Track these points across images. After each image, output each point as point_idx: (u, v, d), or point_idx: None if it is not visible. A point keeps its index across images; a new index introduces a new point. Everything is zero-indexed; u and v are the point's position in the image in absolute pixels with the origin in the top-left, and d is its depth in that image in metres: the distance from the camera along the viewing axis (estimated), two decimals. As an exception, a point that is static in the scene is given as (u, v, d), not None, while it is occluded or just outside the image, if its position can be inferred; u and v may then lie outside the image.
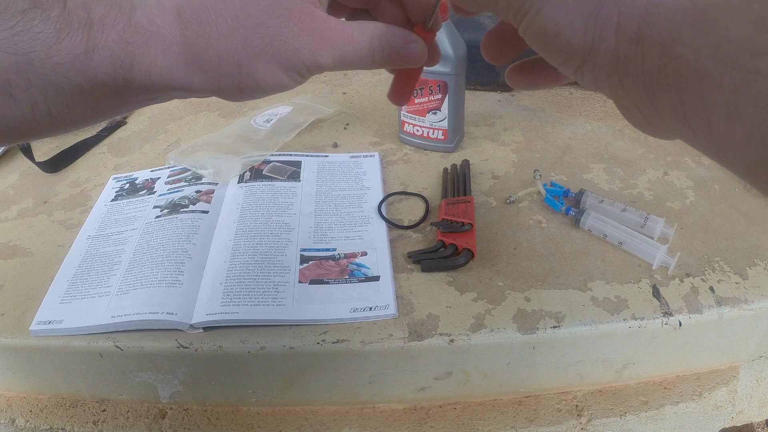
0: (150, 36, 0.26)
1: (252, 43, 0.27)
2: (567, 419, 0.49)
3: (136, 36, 0.26)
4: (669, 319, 0.47)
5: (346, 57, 0.29)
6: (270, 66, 0.28)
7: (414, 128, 0.69)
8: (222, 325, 0.47)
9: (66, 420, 0.51)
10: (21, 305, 0.50)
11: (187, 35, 0.27)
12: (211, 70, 0.27)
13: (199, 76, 0.28)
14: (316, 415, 0.50)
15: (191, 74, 0.27)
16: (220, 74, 0.28)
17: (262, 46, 0.27)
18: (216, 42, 0.27)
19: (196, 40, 0.27)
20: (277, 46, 0.27)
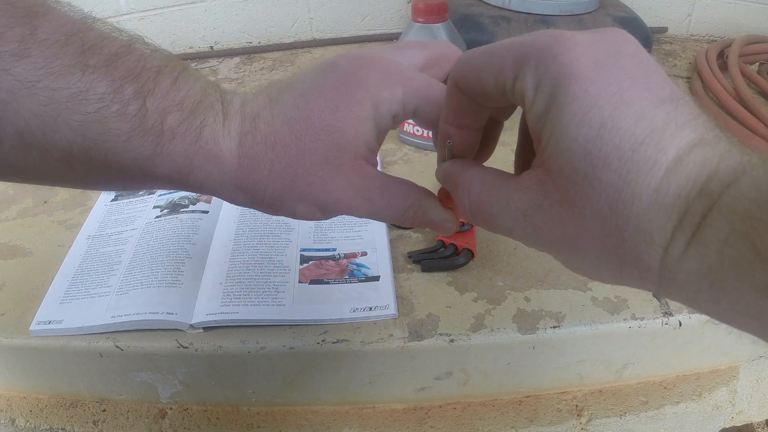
0: (211, 156, 0.28)
1: (298, 186, 0.29)
2: (567, 419, 0.49)
3: (199, 153, 0.27)
4: (669, 319, 0.47)
5: (379, 214, 0.31)
6: (309, 207, 0.30)
7: (414, 128, 0.69)
8: (222, 325, 0.47)
9: (66, 420, 0.51)
10: (21, 305, 0.50)
11: (243, 164, 0.28)
12: (255, 195, 0.29)
13: (243, 197, 0.29)
14: (316, 415, 0.50)
15: (237, 194, 0.29)
16: (263, 201, 0.30)
17: (307, 192, 0.29)
18: (266, 178, 0.29)
19: (250, 172, 0.28)
20: (320, 195, 0.29)
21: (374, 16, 1.05)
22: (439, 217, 0.32)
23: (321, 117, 0.28)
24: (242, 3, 1.00)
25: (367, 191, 0.30)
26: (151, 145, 0.26)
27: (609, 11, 0.83)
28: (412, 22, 0.62)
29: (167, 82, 0.27)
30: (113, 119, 0.25)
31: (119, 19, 0.98)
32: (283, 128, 0.28)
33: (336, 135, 0.28)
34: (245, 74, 0.95)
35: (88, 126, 0.25)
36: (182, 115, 0.27)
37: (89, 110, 0.25)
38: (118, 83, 0.25)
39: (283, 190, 0.29)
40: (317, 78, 0.30)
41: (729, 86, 0.78)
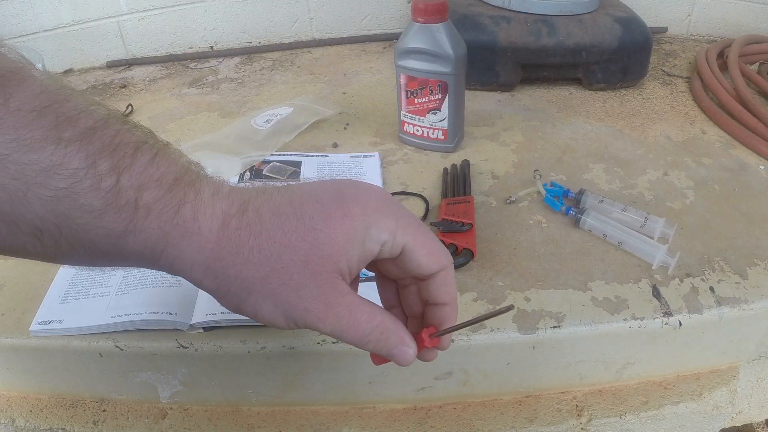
0: (187, 233, 0.27)
1: (270, 283, 0.28)
2: (567, 419, 0.49)
3: (176, 230, 0.27)
4: (669, 319, 0.47)
5: (344, 333, 0.30)
6: (275, 309, 0.29)
7: (414, 128, 0.69)
8: (222, 325, 0.47)
9: (66, 420, 0.51)
10: (21, 305, 0.50)
11: (221, 246, 0.27)
12: (223, 282, 0.28)
13: (210, 282, 0.28)
14: (316, 415, 0.50)
15: (205, 277, 0.28)
16: (229, 291, 0.28)
17: (278, 291, 0.28)
18: (241, 265, 0.28)
19: (226, 255, 0.27)
20: (290, 299, 0.28)
21: (374, 16, 1.05)
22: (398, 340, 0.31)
23: (312, 219, 0.28)
24: (242, 3, 1.00)
25: (337, 307, 0.29)
26: (123, 222, 0.25)
27: (609, 11, 0.83)
28: (412, 22, 0.62)
29: (145, 158, 0.26)
30: (85, 195, 0.24)
31: (119, 19, 0.98)
32: (272, 220, 0.28)
33: (323, 241, 0.28)
34: (245, 74, 0.95)
35: (60, 201, 0.24)
36: (159, 192, 0.26)
37: (61, 185, 0.23)
38: (92, 158, 0.24)
39: (254, 283, 0.28)
40: (317, 185, 0.30)
41: (729, 86, 0.78)
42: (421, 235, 0.30)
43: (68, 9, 0.95)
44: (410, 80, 0.65)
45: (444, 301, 0.32)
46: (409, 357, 0.32)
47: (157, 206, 0.26)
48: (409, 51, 0.63)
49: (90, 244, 0.26)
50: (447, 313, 0.33)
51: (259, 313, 0.29)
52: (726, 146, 0.70)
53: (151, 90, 0.92)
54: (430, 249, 0.31)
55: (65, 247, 0.26)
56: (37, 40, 0.95)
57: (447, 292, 0.32)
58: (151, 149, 0.26)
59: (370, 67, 0.95)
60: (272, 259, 0.28)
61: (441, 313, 0.33)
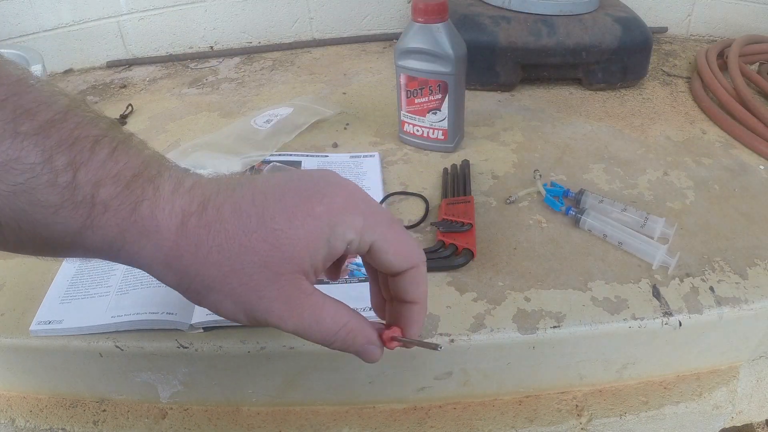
0: (146, 231, 0.26)
1: (230, 283, 0.27)
2: (567, 419, 0.49)
3: (133, 227, 0.26)
4: (669, 319, 0.47)
5: (308, 333, 0.30)
6: (235, 307, 0.28)
7: (414, 128, 0.69)
8: (222, 325, 0.47)
9: (66, 420, 0.51)
10: (21, 305, 0.50)
11: (180, 245, 0.27)
12: (184, 278, 0.28)
13: (172, 277, 0.28)
14: (316, 415, 0.50)
15: (166, 273, 0.28)
16: (189, 287, 0.28)
17: (238, 292, 0.28)
18: (200, 264, 0.27)
19: (185, 253, 0.27)
20: (250, 299, 0.28)
21: (374, 16, 1.05)
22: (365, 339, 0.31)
23: (274, 219, 0.27)
24: (242, 3, 1.00)
25: (299, 307, 0.29)
26: (81, 218, 0.25)
27: (609, 11, 0.83)
28: (412, 22, 0.62)
29: (104, 152, 0.25)
30: (42, 190, 0.24)
31: (119, 19, 0.98)
32: (232, 219, 0.27)
33: (284, 242, 0.27)
34: (245, 74, 0.95)
35: (17, 196, 0.23)
36: (117, 189, 0.25)
37: (18, 180, 0.23)
38: (49, 153, 0.24)
39: (213, 282, 0.27)
40: (282, 181, 0.29)
41: (729, 86, 0.78)
42: (391, 233, 0.30)
43: (68, 9, 0.95)
44: (410, 80, 0.65)
45: (412, 300, 0.32)
46: (376, 357, 0.32)
47: (114, 203, 0.25)
48: (409, 51, 0.63)
49: (49, 239, 0.25)
50: (415, 312, 0.32)
51: (220, 310, 0.29)
52: (726, 146, 0.70)
53: (151, 90, 0.92)
54: (398, 247, 0.30)
55: (27, 240, 0.25)
56: (37, 40, 0.95)
57: (415, 291, 0.32)
58: (110, 143, 0.26)
59: (370, 67, 0.95)
60: (232, 259, 0.27)
61: (409, 312, 0.32)
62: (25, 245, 0.26)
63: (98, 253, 0.27)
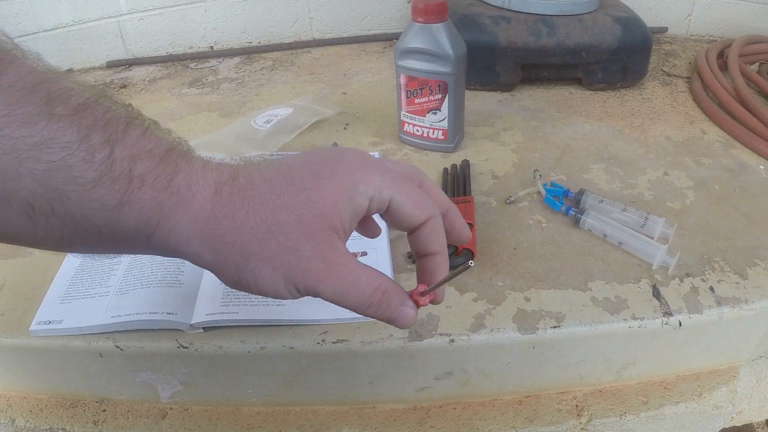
0: (182, 202, 0.27)
1: (269, 245, 0.28)
2: (567, 419, 0.49)
3: (170, 199, 0.27)
4: (669, 319, 0.47)
5: (345, 296, 0.30)
6: (274, 273, 0.28)
7: (414, 128, 0.69)
8: (222, 325, 0.47)
9: (66, 420, 0.51)
10: (21, 305, 0.50)
11: (216, 213, 0.27)
12: (220, 252, 0.28)
13: (208, 254, 0.28)
14: (316, 415, 0.50)
15: (203, 249, 0.28)
16: (227, 260, 0.28)
17: (277, 252, 0.28)
18: (238, 230, 0.28)
19: (221, 220, 0.27)
20: (290, 259, 0.28)
21: (374, 16, 1.05)
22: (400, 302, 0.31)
23: (302, 179, 0.29)
24: (242, 3, 1.00)
25: (335, 267, 0.29)
26: (118, 194, 0.25)
27: (609, 11, 0.83)
28: (412, 22, 0.62)
29: (137, 132, 0.26)
30: (78, 167, 0.24)
31: (119, 19, 0.98)
32: (262, 185, 0.28)
33: (314, 199, 0.28)
34: (245, 74, 0.95)
35: (52, 175, 0.24)
36: (153, 162, 0.26)
37: (53, 158, 0.23)
38: (85, 131, 0.24)
39: (251, 247, 0.28)
40: (300, 155, 0.30)
41: (729, 86, 0.78)
42: (406, 188, 0.31)
43: (68, 9, 0.95)
44: (410, 80, 0.65)
45: (434, 251, 0.33)
46: (410, 318, 0.32)
47: (151, 176, 0.26)
48: (409, 51, 0.63)
49: (82, 220, 0.25)
50: (438, 263, 0.33)
51: (259, 280, 0.28)
52: (726, 146, 0.70)
53: (151, 90, 0.92)
54: (416, 200, 0.31)
55: (56, 226, 0.25)
56: (37, 40, 0.95)
57: (436, 241, 0.32)
58: (141, 124, 0.27)
59: (370, 67, 0.95)
60: (267, 220, 0.28)
61: (432, 264, 0.33)
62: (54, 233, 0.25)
63: (132, 235, 0.27)
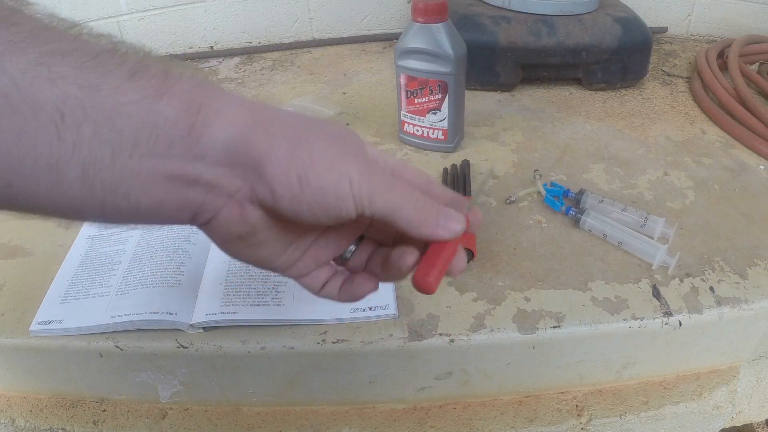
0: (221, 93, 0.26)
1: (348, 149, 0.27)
2: (567, 419, 0.49)
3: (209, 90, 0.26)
4: (669, 319, 0.47)
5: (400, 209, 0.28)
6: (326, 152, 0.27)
7: (414, 128, 0.69)
8: (222, 325, 0.47)
9: (66, 420, 0.51)
10: (21, 305, 0.50)
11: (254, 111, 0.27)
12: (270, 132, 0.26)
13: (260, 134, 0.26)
14: (316, 415, 0.50)
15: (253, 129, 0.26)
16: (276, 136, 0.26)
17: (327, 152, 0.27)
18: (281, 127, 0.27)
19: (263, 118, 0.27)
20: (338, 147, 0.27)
21: (374, 16, 1.05)
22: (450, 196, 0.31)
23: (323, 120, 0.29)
24: (242, 3, 1.00)
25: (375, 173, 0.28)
26: (155, 86, 0.24)
27: (609, 11, 0.83)
28: (412, 22, 0.62)
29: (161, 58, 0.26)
30: (112, 64, 0.23)
31: (119, 19, 0.98)
32: (286, 115, 0.28)
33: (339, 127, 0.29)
34: (245, 74, 0.95)
35: (84, 73, 0.22)
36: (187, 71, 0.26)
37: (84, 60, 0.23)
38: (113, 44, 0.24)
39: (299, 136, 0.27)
40: None
41: (729, 86, 0.78)
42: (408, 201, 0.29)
43: (68, 9, 0.95)
44: (410, 80, 0.65)
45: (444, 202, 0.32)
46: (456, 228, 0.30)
47: (186, 75, 0.26)
48: (409, 51, 0.63)
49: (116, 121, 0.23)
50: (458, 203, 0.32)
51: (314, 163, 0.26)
52: (726, 146, 0.70)
53: (151, 90, 0.91)
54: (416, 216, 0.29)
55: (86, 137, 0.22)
56: (37, 40, 0.95)
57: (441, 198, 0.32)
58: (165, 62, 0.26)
59: (370, 67, 0.95)
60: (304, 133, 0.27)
61: None
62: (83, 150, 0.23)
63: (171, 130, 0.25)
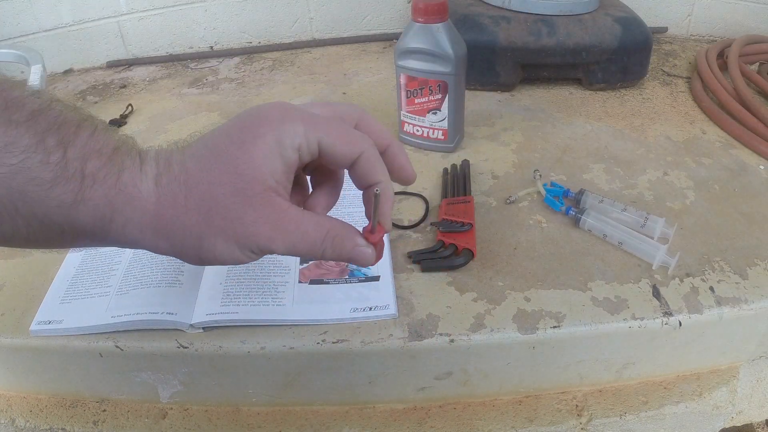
0: (130, 198, 0.29)
1: (214, 221, 0.30)
2: (567, 419, 0.49)
3: (119, 196, 0.28)
4: (669, 319, 0.47)
5: (298, 247, 0.31)
6: (228, 244, 0.30)
7: (414, 128, 0.69)
8: (222, 325, 0.47)
9: (66, 420, 0.51)
10: (21, 305, 0.50)
11: (161, 203, 0.29)
12: (175, 238, 0.30)
13: (164, 242, 0.30)
14: (316, 415, 0.50)
15: (158, 239, 0.30)
16: (183, 244, 0.30)
17: (223, 226, 0.30)
18: (183, 215, 0.29)
19: (166, 210, 0.29)
20: (236, 229, 0.30)
21: (374, 16, 1.05)
22: (353, 243, 0.33)
23: (228, 151, 0.30)
24: (242, 3, 1.00)
25: (281, 222, 0.30)
26: (73, 192, 0.27)
27: (609, 11, 0.83)
28: (412, 22, 0.62)
29: (86, 133, 0.28)
30: (36, 169, 0.26)
31: (119, 19, 0.98)
32: (193, 165, 0.30)
33: (243, 167, 0.29)
34: (245, 74, 0.95)
35: (13, 177, 0.26)
36: (102, 161, 0.28)
37: (13, 162, 0.26)
38: (41, 135, 0.26)
39: (200, 227, 0.30)
40: (224, 124, 0.32)
41: (729, 86, 0.78)
42: (333, 129, 0.32)
43: (68, 9, 0.95)
44: (410, 80, 0.65)
45: (375, 180, 0.33)
46: (369, 257, 0.33)
47: (101, 174, 0.28)
48: (409, 51, 0.63)
49: (44, 218, 0.27)
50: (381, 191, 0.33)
51: (216, 253, 0.30)
52: (726, 146, 0.70)
53: (151, 90, 0.92)
54: (344, 138, 0.32)
55: (21, 224, 0.27)
56: (37, 40, 0.95)
57: (374, 172, 0.33)
58: (91, 125, 0.29)
59: (370, 67, 0.95)
60: (206, 198, 0.29)
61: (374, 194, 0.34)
62: (20, 232, 0.28)
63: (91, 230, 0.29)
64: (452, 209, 0.56)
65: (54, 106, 0.28)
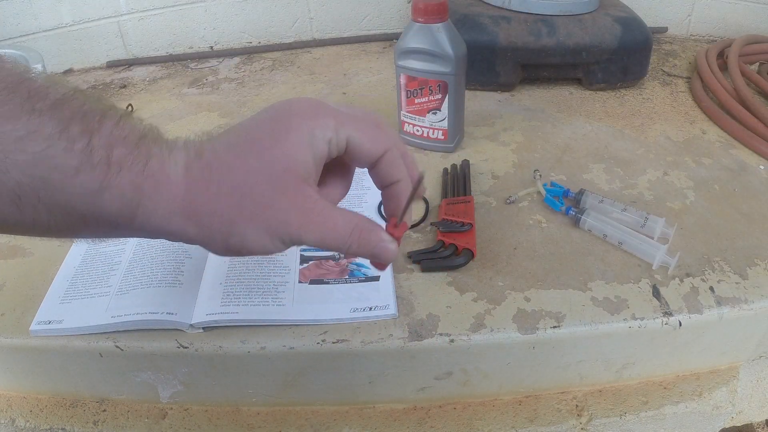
0: (159, 184, 0.29)
1: (246, 208, 0.30)
2: (567, 419, 0.49)
3: (147, 181, 0.28)
4: (669, 319, 0.47)
5: (327, 239, 0.31)
6: (258, 232, 0.30)
7: (414, 128, 0.69)
8: (222, 325, 0.47)
9: (66, 420, 0.51)
10: (21, 305, 0.50)
11: (191, 189, 0.29)
12: (204, 224, 0.30)
13: (193, 228, 0.30)
14: (316, 415, 0.50)
15: (186, 225, 0.30)
16: (212, 229, 0.30)
17: (255, 212, 0.30)
18: (215, 201, 0.29)
19: (197, 196, 0.29)
20: (268, 216, 0.30)
21: (374, 16, 1.05)
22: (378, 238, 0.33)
23: (261, 141, 0.30)
24: (242, 3, 1.00)
25: (312, 214, 0.31)
26: (98, 179, 0.27)
27: (609, 11, 0.83)
28: (412, 22, 0.62)
29: (111, 122, 0.28)
30: (60, 156, 0.26)
31: (119, 19, 0.98)
32: (226, 154, 0.30)
33: (277, 156, 0.30)
34: (245, 74, 0.95)
35: (36, 164, 0.25)
36: (128, 149, 0.28)
37: (36, 149, 0.25)
38: (65, 124, 0.26)
39: (231, 213, 0.29)
40: (254, 116, 0.32)
41: (729, 86, 0.78)
42: (362, 124, 0.32)
43: (68, 9, 0.95)
44: (410, 80, 0.65)
45: (397, 178, 0.34)
46: (392, 252, 0.34)
47: (127, 161, 0.28)
48: (409, 51, 0.63)
49: (67, 206, 0.27)
50: (402, 189, 0.34)
51: (245, 241, 0.30)
52: (726, 146, 0.70)
53: (151, 90, 0.92)
54: (371, 135, 0.33)
55: (42, 213, 0.27)
56: (37, 40, 0.95)
57: (397, 170, 0.34)
58: (115, 115, 0.29)
59: (370, 67, 0.95)
60: (239, 185, 0.29)
61: (397, 191, 0.34)
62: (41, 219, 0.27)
63: (115, 218, 0.28)
64: (452, 209, 0.56)
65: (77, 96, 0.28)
